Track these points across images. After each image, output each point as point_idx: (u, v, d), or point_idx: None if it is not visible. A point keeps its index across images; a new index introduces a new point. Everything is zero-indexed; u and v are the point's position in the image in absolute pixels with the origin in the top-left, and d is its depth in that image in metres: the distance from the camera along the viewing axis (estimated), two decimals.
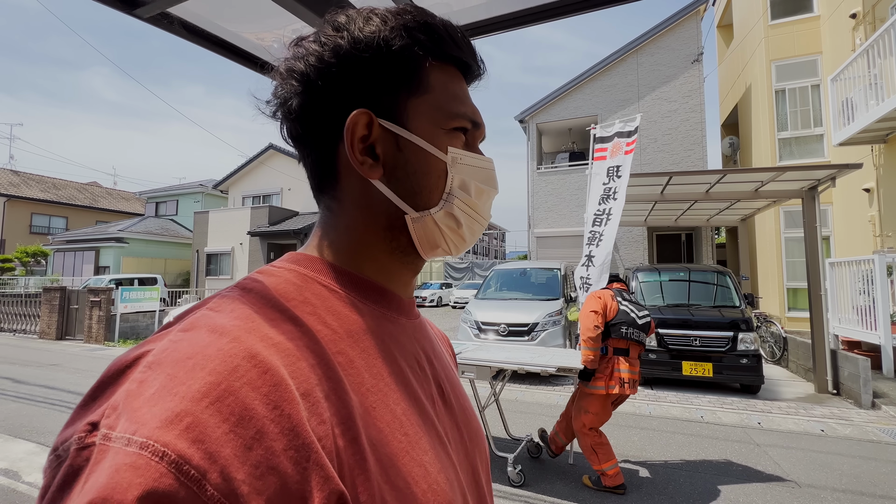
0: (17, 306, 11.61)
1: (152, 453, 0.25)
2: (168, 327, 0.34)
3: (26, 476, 3.32)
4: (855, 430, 4.26)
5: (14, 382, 6.08)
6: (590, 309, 3.10)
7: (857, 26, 7.47)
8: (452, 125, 0.44)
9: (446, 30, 0.44)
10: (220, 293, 0.38)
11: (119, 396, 0.28)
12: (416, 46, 0.42)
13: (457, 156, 0.45)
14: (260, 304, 0.36)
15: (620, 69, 11.52)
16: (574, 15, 1.04)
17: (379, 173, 0.43)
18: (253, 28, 1.10)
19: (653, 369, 5.63)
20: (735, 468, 3.47)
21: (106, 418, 0.27)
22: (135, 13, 0.93)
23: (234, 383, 0.28)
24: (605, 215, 4.83)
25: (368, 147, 0.42)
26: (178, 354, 0.29)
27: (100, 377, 0.30)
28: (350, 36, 0.42)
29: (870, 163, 7.04)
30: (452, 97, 0.45)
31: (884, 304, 5.26)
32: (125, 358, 0.31)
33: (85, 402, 0.29)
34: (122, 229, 17.78)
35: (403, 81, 0.43)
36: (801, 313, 7.90)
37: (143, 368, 0.29)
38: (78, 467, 0.26)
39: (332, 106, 0.42)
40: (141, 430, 0.25)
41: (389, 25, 0.42)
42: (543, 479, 3.27)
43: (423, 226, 0.44)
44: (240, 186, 19.02)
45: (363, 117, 0.41)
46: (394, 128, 0.42)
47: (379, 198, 0.43)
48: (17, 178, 22.91)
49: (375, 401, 0.37)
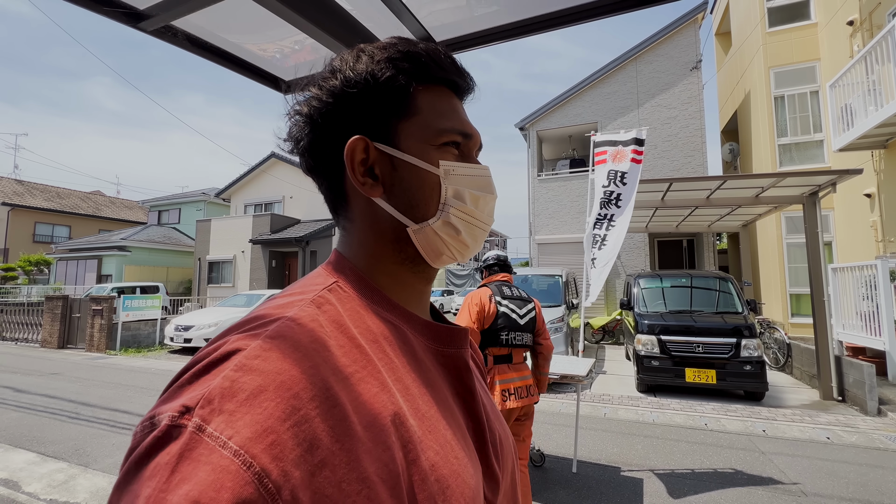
0: (19, 315, 11.62)
1: (242, 462, 0.28)
2: (255, 323, 0.37)
3: (26, 486, 3.30)
4: (861, 437, 4.21)
5: (15, 391, 6.07)
6: (464, 317, 2.52)
7: (855, 33, 7.51)
8: (441, 140, 0.48)
9: (429, 55, 0.48)
10: (293, 300, 0.42)
11: (213, 390, 0.31)
12: (401, 75, 0.47)
13: (449, 168, 0.48)
14: (331, 327, 0.40)
15: (620, 77, 11.58)
16: (576, 24, 1.05)
17: (380, 192, 0.47)
18: (255, 40, 1.11)
19: (656, 376, 5.59)
20: (740, 476, 3.43)
21: (201, 408, 0.30)
22: (139, 26, 0.95)
23: (311, 412, 0.32)
24: (606, 220, 4.82)
25: (369, 169, 0.47)
26: (268, 367, 0.33)
27: (195, 363, 0.34)
28: (342, 76, 0.47)
29: (870, 168, 7.04)
30: (439, 115, 0.49)
31: (887, 309, 5.22)
32: (219, 349, 0.34)
33: (181, 384, 0.33)
34: (125, 238, 17.83)
35: (392, 107, 0.47)
36: (804, 319, 7.86)
37: (236, 368, 0.32)
38: (165, 440, 0.29)
39: (335, 138, 0.47)
40: (236, 437, 0.29)
41: (376, 60, 0.47)
42: (546, 489, 3.24)
43: (424, 236, 0.48)
44: (242, 195, 19.09)
45: (360, 143, 0.46)
46: (388, 149, 0.47)
47: (383, 214, 0.48)
48: (22, 187, 23.05)
49: (430, 425, 0.40)
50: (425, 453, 0.37)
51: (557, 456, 3.82)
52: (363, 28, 1.06)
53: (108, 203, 27.38)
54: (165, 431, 0.29)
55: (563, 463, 3.67)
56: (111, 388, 6.38)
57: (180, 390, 0.32)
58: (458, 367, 0.49)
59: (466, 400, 0.48)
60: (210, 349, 0.35)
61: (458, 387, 0.48)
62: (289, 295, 0.43)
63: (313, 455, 0.31)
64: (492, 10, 1.07)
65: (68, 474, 3.52)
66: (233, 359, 0.33)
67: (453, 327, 0.51)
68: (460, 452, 0.41)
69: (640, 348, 5.71)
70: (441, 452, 0.39)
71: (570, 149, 14.02)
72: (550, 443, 4.12)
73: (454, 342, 0.50)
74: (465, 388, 0.48)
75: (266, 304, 0.43)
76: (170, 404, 0.31)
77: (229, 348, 0.34)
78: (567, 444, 3.99)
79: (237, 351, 0.34)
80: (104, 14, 0.89)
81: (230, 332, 0.37)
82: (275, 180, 17.93)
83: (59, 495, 3.18)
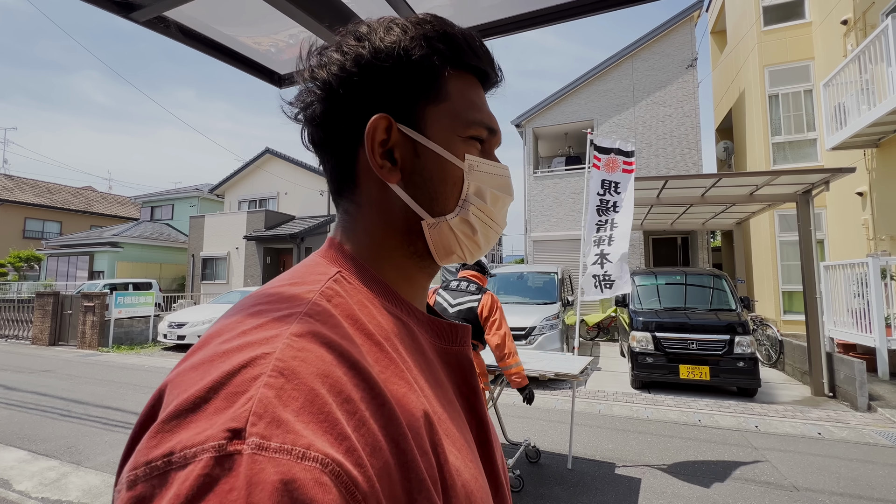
0: (9, 312, 11.48)
1: (332, 472, 0.25)
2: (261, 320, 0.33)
3: (17, 484, 3.27)
4: (852, 432, 4.27)
5: (5, 389, 6.00)
6: None
7: (849, 32, 7.56)
8: (469, 133, 0.45)
9: (465, 39, 0.45)
10: (297, 291, 0.38)
11: (259, 403, 0.26)
12: (436, 56, 0.43)
13: (473, 163, 0.45)
14: (348, 322, 0.36)
15: (616, 74, 11.59)
16: (573, 20, 1.04)
17: (397, 178, 0.44)
18: (250, 32, 1.09)
19: (650, 373, 5.63)
20: (733, 472, 3.46)
21: (253, 426, 0.25)
22: (131, 17, 0.92)
23: (364, 413, 0.30)
24: (608, 224, 4.84)
25: (387, 151, 0.43)
26: (311, 369, 0.29)
27: (205, 379, 0.28)
28: (371, 46, 0.42)
29: (863, 167, 7.10)
30: (470, 105, 0.45)
31: (878, 306, 5.29)
32: (240, 356, 0.29)
33: (194, 405, 0.27)
34: (117, 234, 17.64)
35: (422, 89, 0.43)
36: (796, 316, 7.94)
37: (275, 374, 0.28)
38: (217, 476, 0.23)
39: (353, 112, 0.43)
40: (316, 446, 0.25)
41: (409, 35, 0.43)
42: (542, 484, 3.26)
43: (438, 232, 0.45)
44: (236, 191, 18.95)
45: (383, 121, 0.42)
46: (412, 133, 0.43)
47: (397, 202, 0.44)
48: (11, 182, 22.71)
49: (448, 428, 0.38)
50: (449, 457, 0.36)
51: (552, 452, 3.84)
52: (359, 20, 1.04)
53: (100, 199, 27.06)
54: (213, 465, 0.23)
55: (558, 459, 3.69)
56: (103, 386, 6.32)
57: (196, 415, 0.26)
58: (462, 365, 0.47)
59: (470, 399, 0.46)
60: (210, 358, 0.30)
61: (462, 385, 0.46)
62: (289, 285, 0.39)
63: (379, 460, 0.28)
64: (490, 5, 1.06)
65: (60, 472, 3.48)
66: (260, 364, 0.29)
67: (455, 324, 0.48)
68: (471, 455, 0.40)
69: (635, 345, 5.74)
70: (460, 457, 0.37)
71: (566, 146, 14.03)
72: (545, 439, 4.13)
73: (457, 339, 0.48)
74: (469, 386, 0.47)
75: (264, 294, 0.38)
76: (190, 434, 0.25)
77: (251, 354, 0.29)
78: (562, 441, 4.01)
79: (264, 355, 0.29)
80: (95, 4, 0.87)
81: (234, 329, 0.32)
82: (269, 176, 17.80)
83: (50, 493, 3.15)
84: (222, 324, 0.34)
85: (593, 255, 4.75)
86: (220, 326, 0.34)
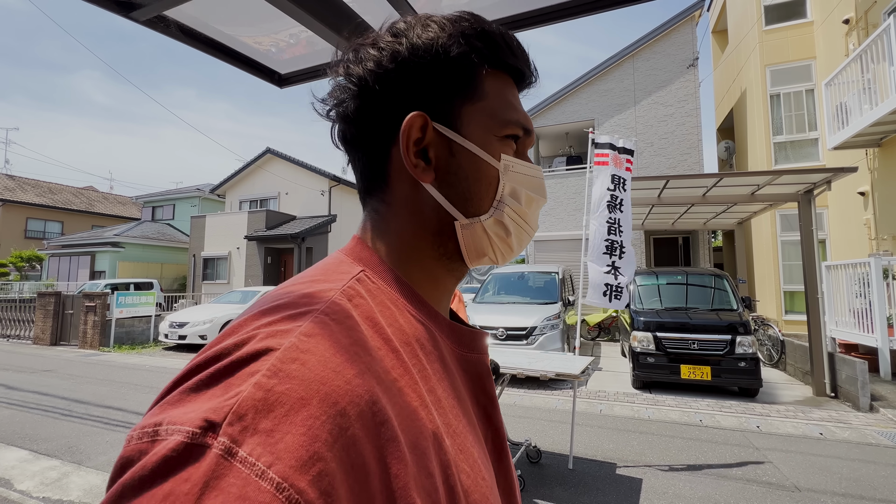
0: (11, 311, 11.50)
1: (287, 499, 0.23)
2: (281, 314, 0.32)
3: (18, 484, 3.27)
4: (854, 433, 4.26)
5: (7, 388, 6.01)
6: None
7: (850, 32, 7.54)
8: (505, 132, 0.44)
9: (503, 38, 0.45)
10: (319, 289, 0.36)
11: (245, 402, 0.26)
12: (474, 53, 0.43)
13: (509, 163, 0.44)
14: (366, 325, 0.35)
15: (617, 74, 11.58)
16: (577, 17, 1.04)
17: (431, 177, 0.43)
18: (250, 32, 1.09)
19: (651, 373, 5.62)
20: (734, 472, 3.45)
21: (230, 425, 0.25)
22: (131, 16, 0.92)
23: (358, 432, 0.28)
24: (617, 225, 4.82)
25: (422, 150, 0.42)
26: (309, 374, 0.28)
27: (213, 359, 0.29)
28: (409, 42, 0.42)
29: (864, 166, 7.09)
30: (506, 104, 0.45)
31: (880, 306, 5.28)
32: (245, 346, 0.29)
33: (196, 385, 0.27)
34: (119, 234, 17.67)
35: (459, 87, 0.43)
36: (798, 316, 7.93)
37: (269, 374, 0.27)
38: (182, 461, 0.23)
39: (388, 110, 0.42)
40: (277, 466, 0.24)
41: (447, 32, 0.42)
42: (543, 485, 3.25)
43: (472, 233, 0.44)
44: (237, 190, 18.96)
45: (419, 120, 0.41)
46: (448, 132, 0.42)
47: (429, 202, 0.43)
48: (13, 182, 22.76)
49: (462, 443, 0.37)
50: (460, 477, 0.34)
51: (553, 452, 3.83)
52: (361, 20, 1.04)
53: (101, 199, 27.11)
54: (182, 450, 0.24)
55: (559, 459, 3.68)
56: (105, 385, 6.33)
57: (196, 394, 0.27)
58: (481, 374, 0.45)
59: (487, 409, 0.45)
60: (231, 343, 0.30)
61: (480, 395, 0.45)
62: (310, 282, 0.38)
63: (363, 486, 0.27)
64: (490, 4, 1.06)
65: (61, 472, 3.49)
66: (264, 360, 0.28)
67: (476, 330, 0.47)
68: (486, 473, 0.38)
69: (636, 345, 5.74)
70: (472, 475, 0.36)
71: (567, 145, 14.03)
72: (546, 439, 4.13)
73: (477, 346, 0.46)
74: (487, 396, 0.45)
75: (284, 290, 0.37)
76: (181, 411, 0.26)
77: (259, 346, 0.29)
78: (563, 441, 4.00)
79: (269, 350, 0.28)
80: (96, 3, 0.87)
81: (251, 323, 0.32)
82: (270, 176, 17.81)
83: (51, 493, 3.15)
84: (249, 314, 0.34)
85: (605, 264, 4.68)
86: (247, 316, 0.34)
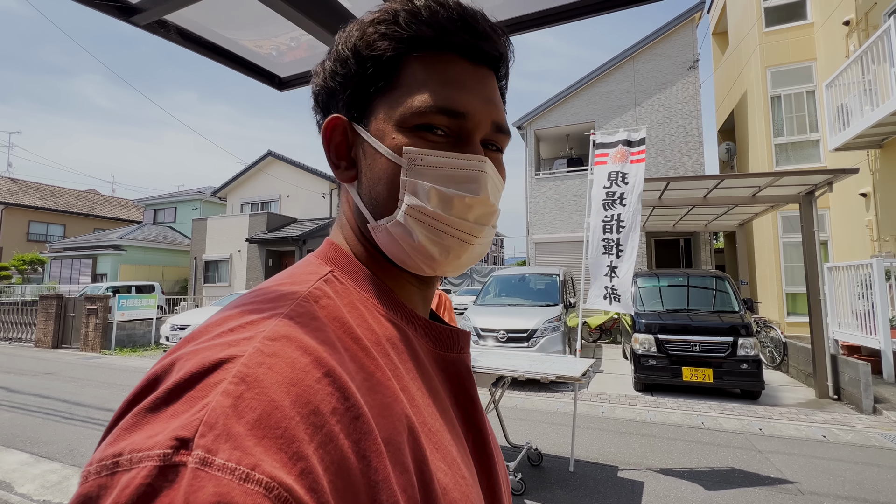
0: (12, 314, 11.53)
1: (277, 497, 0.23)
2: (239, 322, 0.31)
3: (19, 487, 3.27)
4: (857, 435, 4.24)
5: (8, 392, 6.02)
6: None
7: (851, 33, 7.54)
8: (415, 120, 0.39)
9: (430, 13, 0.39)
10: (283, 292, 0.35)
11: (212, 413, 0.24)
12: (385, 41, 0.39)
13: (415, 156, 0.39)
14: (334, 325, 0.34)
15: (617, 76, 11.59)
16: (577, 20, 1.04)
17: (351, 177, 0.43)
18: (251, 36, 1.10)
19: (653, 375, 5.60)
20: (737, 475, 3.44)
21: (201, 437, 0.23)
22: (131, 20, 0.93)
23: (334, 427, 0.27)
24: (614, 221, 4.74)
25: (349, 152, 0.43)
26: (277, 376, 0.27)
27: (161, 374, 0.27)
28: (336, 52, 0.43)
29: (866, 167, 7.07)
30: (419, 88, 0.39)
31: (883, 308, 5.26)
32: (202, 358, 0.27)
33: (154, 405, 0.26)
34: (120, 237, 17.72)
35: (374, 81, 0.40)
36: (800, 318, 7.90)
37: (236, 381, 0.26)
38: (158, 487, 0.22)
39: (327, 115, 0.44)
40: (261, 467, 0.23)
41: (363, 31, 0.41)
42: (544, 488, 3.24)
43: (384, 237, 0.41)
44: (238, 193, 19.01)
45: (335, 122, 0.42)
46: (360, 130, 0.41)
47: (354, 203, 0.44)
48: (16, 185, 22.85)
49: (439, 441, 0.36)
50: (436, 475, 0.33)
51: (555, 455, 3.82)
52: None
53: (103, 202, 27.19)
54: (156, 476, 0.22)
55: (560, 462, 3.67)
56: (106, 388, 6.33)
57: (155, 415, 0.25)
58: (460, 374, 0.44)
59: (467, 409, 0.43)
60: (186, 354, 0.28)
61: (459, 395, 0.43)
62: (277, 286, 0.37)
63: (346, 481, 0.26)
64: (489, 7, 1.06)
65: (62, 475, 3.49)
66: (226, 368, 0.27)
67: (455, 329, 0.45)
68: (465, 472, 0.37)
69: (638, 347, 5.72)
70: (450, 473, 0.34)
71: (568, 148, 14.03)
72: (548, 442, 4.12)
73: (456, 346, 0.44)
74: (467, 396, 0.43)
75: (248, 297, 0.36)
76: (143, 436, 0.24)
77: (220, 356, 0.27)
78: (564, 444, 3.99)
79: (231, 358, 0.27)
80: (96, 7, 0.88)
81: (210, 331, 0.31)
82: (271, 179, 17.86)
83: (52, 496, 3.15)
84: (208, 322, 0.33)
85: (604, 265, 4.63)
86: (205, 324, 0.32)
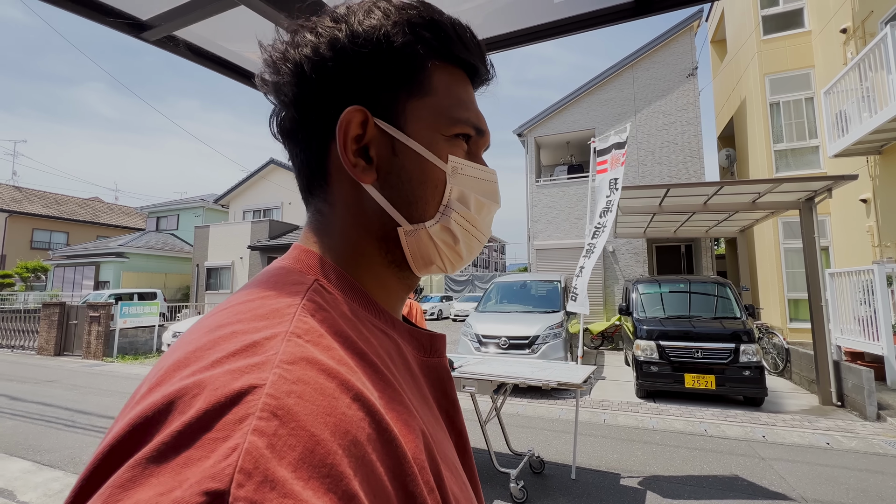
0: (15, 322, 11.56)
1: None
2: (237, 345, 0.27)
3: (21, 495, 3.27)
4: (861, 442, 4.21)
5: (10, 399, 6.02)
6: None
7: (848, 40, 7.61)
8: (454, 131, 0.41)
9: (455, 29, 0.41)
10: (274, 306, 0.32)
11: (247, 456, 0.21)
12: (420, 45, 0.39)
13: (457, 165, 0.41)
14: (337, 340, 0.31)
15: (617, 83, 11.69)
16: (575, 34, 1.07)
17: (372, 178, 0.39)
18: (256, 48, 1.13)
19: (655, 382, 5.58)
20: (740, 483, 3.42)
21: (239, 487, 0.20)
22: (142, 37, 0.96)
23: (371, 456, 0.25)
24: (601, 228, 4.85)
25: (362, 148, 0.39)
26: (311, 407, 0.24)
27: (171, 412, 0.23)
28: (349, 28, 0.38)
29: (865, 174, 7.10)
30: (456, 101, 0.41)
31: (885, 314, 5.24)
32: (216, 389, 0.24)
33: (159, 453, 0.21)
34: (123, 244, 17.80)
35: (404, 81, 0.39)
36: (802, 324, 7.87)
37: (266, 416, 0.23)
38: None
39: (326, 101, 0.39)
40: None
41: (392, 20, 0.39)
42: (546, 495, 3.22)
43: (416, 240, 0.41)
44: (241, 201, 19.12)
45: (358, 115, 0.38)
46: (391, 129, 0.39)
47: (372, 205, 0.40)
48: (20, 193, 23.02)
49: (442, 451, 0.35)
50: (449, 485, 0.33)
51: (557, 462, 3.80)
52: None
53: (107, 209, 27.34)
54: None
55: (562, 469, 3.65)
56: (108, 396, 6.33)
57: (161, 466, 0.21)
58: (442, 378, 0.44)
59: (450, 413, 0.43)
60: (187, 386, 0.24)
61: (442, 399, 0.43)
62: (261, 299, 0.33)
63: None
64: (488, 21, 1.09)
65: (64, 483, 3.48)
66: (248, 401, 0.23)
67: (434, 334, 0.45)
68: (459, 472, 0.37)
69: (639, 354, 5.70)
70: (453, 479, 0.34)
71: (568, 154, 14.10)
72: (550, 449, 4.10)
73: (436, 350, 0.44)
74: (448, 399, 0.44)
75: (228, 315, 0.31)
76: (149, 494, 0.20)
77: (235, 387, 0.24)
78: (566, 451, 3.97)
79: (251, 388, 0.24)
80: (108, 25, 0.91)
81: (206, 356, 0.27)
82: (273, 186, 17.96)
83: None
84: (195, 345, 0.28)
85: (578, 266, 4.78)
86: (192, 348, 0.28)
